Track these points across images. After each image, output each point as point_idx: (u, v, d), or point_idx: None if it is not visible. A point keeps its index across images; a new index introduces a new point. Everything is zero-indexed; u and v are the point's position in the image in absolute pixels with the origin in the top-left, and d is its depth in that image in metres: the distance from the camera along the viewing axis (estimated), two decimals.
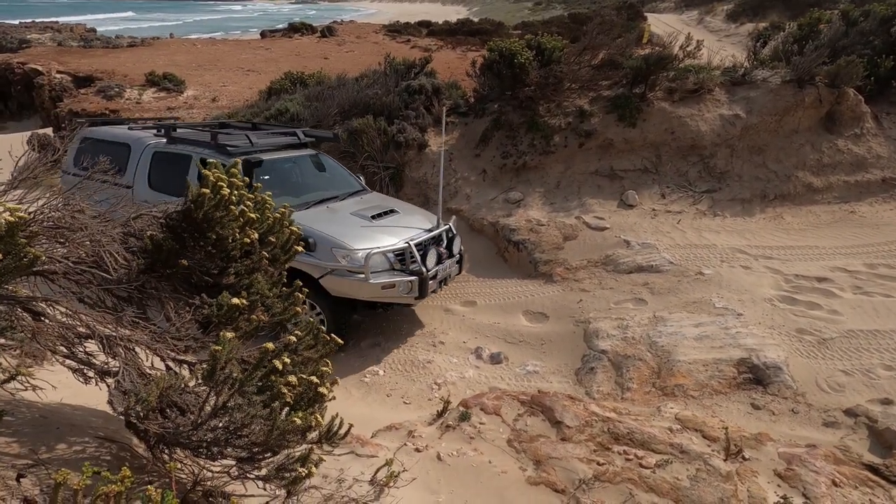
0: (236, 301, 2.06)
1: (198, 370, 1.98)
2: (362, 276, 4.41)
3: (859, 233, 5.96)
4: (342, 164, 6.21)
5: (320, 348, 2.26)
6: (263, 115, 8.96)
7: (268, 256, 2.31)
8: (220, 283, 2.19)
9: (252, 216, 2.20)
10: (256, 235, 2.25)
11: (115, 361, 1.89)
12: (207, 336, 2.12)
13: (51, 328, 1.88)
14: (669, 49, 7.67)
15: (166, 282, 2.18)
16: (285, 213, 2.44)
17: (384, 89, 7.93)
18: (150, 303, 2.15)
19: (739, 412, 3.66)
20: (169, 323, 2.09)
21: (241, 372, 1.92)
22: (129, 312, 1.98)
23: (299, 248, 2.46)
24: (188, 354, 2.14)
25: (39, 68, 17.00)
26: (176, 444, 1.86)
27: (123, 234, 2.08)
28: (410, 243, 4.68)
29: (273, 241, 2.36)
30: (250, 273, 2.21)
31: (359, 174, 6.23)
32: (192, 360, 2.16)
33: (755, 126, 6.83)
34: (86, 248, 1.96)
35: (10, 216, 1.60)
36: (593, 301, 5.14)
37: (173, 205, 2.11)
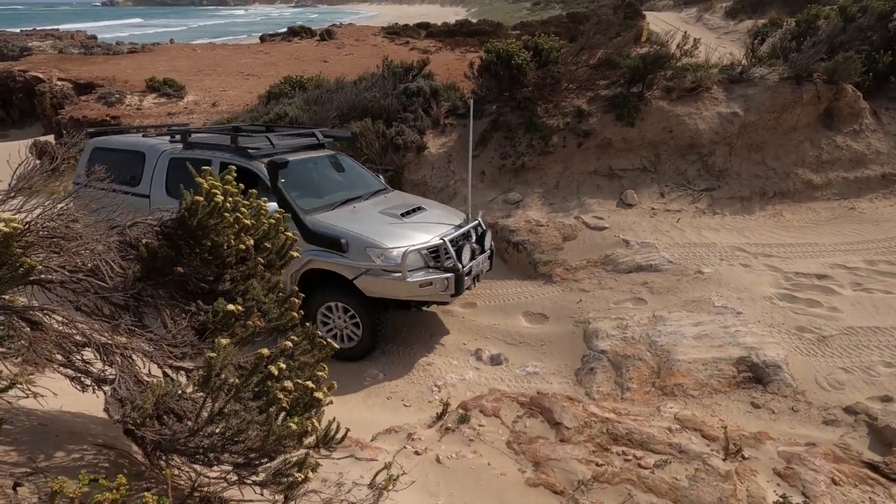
0: (232, 307, 2.07)
1: (194, 377, 1.99)
2: (398, 274, 4.34)
3: (859, 229, 5.94)
4: (360, 164, 6.12)
5: (316, 353, 2.27)
6: (263, 119, 9.00)
7: (263, 262, 2.32)
8: (216, 290, 2.20)
9: (247, 222, 2.22)
10: (252, 241, 2.26)
11: (112, 369, 1.90)
12: (204, 343, 2.14)
13: (48, 337, 1.89)
14: (667, 48, 7.67)
15: (163, 289, 2.20)
16: (280, 219, 2.45)
17: (382, 92, 7.95)
18: (146, 310, 2.17)
19: (739, 411, 3.66)
20: (165, 330, 2.10)
21: (238, 378, 1.93)
22: (125, 320, 1.99)
23: (294, 254, 2.47)
24: (185, 361, 2.16)
25: (40, 76, 17.10)
26: (173, 451, 1.87)
27: (119, 243, 2.09)
28: (445, 240, 4.60)
29: (268, 246, 2.38)
30: (246, 279, 2.22)
31: (378, 174, 6.14)
32: (189, 367, 2.18)
33: (753, 124, 6.82)
34: (82, 257, 1.97)
35: (4, 227, 1.61)
36: (593, 301, 5.14)
37: (168, 212, 2.12)
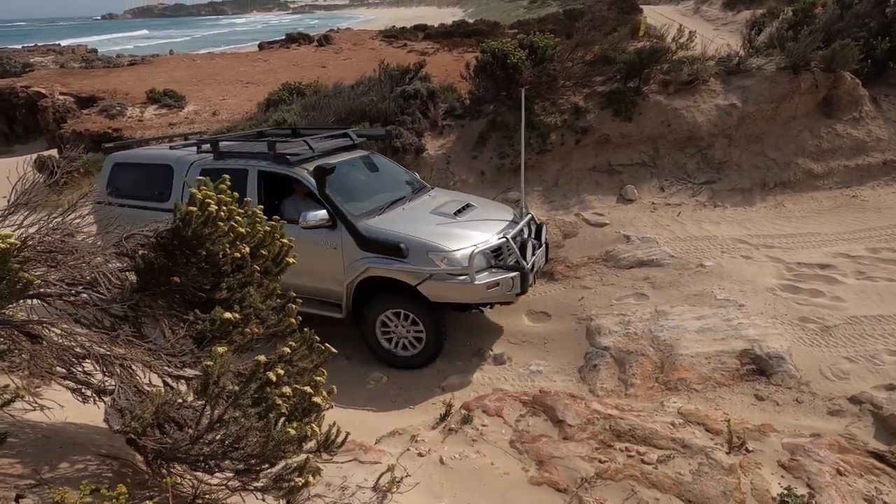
0: (229, 315, 2.09)
1: (193, 385, 2.01)
2: (464, 277, 4.19)
3: (862, 217, 5.90)
4: (393, 161, 5.92)
5: (315, 357, 2.28)
6: (262, 126, 9.04)
7: (259, 270, 2.33)
8: (214, 298, 2.22)
9: (242, 231, 2.23)
10: (247, 249, 2.28)
11: (112, 380, 1.92)
12: (203, 351, 2.16)
13: (48, 350, 1.92)
14: (662, 41, 7.65)
15: (161, 299, 2.22)
16: (276, 226, 2.47)
17: (379, 95, 7.97)
18: (145, 320, 2.19)
19: (743, 404, 3.64)
20: (164, 339, 2.13)
21: (237, 385, 1.95)
22: (124, 331, 2.01)
23: (291, 261, 2.48)
24: (185, 370, 2.18)
25: (43, 91, 17.28)
26: (174, 459, 1.89)
27: (116, 254, 2.12)
28: (508, 238, 4.43)
29: (265, 254, 2.39)
30: (242, 287, 2.24)
31: (413, 170, 5.92)
32: (188, 376, 2.20)
33: (752, 115, 6.79)
34: (80, 270, 2.00)
35: (1, 243, 1.64)
36: (595, 298, 5.13)
37: (163, 223, 2.15)
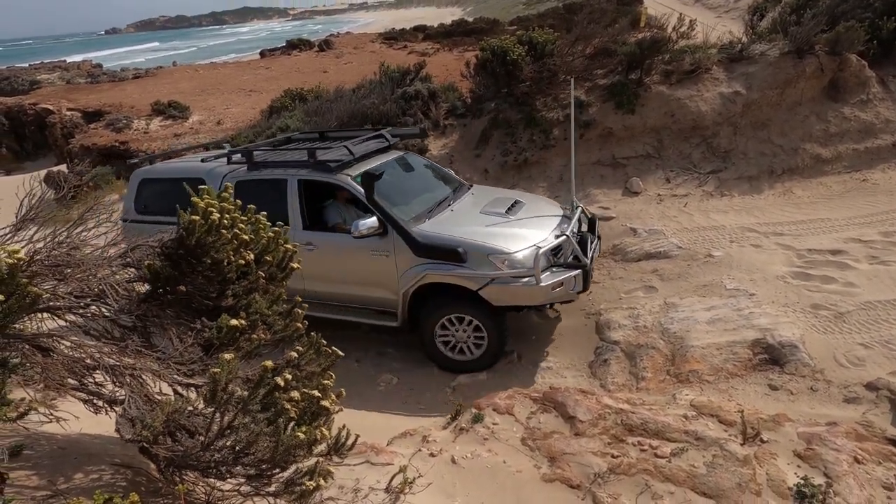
0: (235, 322, 2.10)
1: (202, 392, 2.02)
2: (527, 279, 4.05)
3: (873, 201, 5.81)
4: (428, 159, 5.81)
5: (322, 361, 2.29)
6: (266, 133, 9.10)
7: (265, 276, 2.35)
8: (220, 306, 2.24)
9: (245, 238, 2.25)
10: (251, 256, 2.30)
11: (123, 390, 1.94)
12: (211, 358, 2.17)
13: (59, 362, 1.94)
14: (663, 31, 7.59)
15: (168, 308, 2.24)
16: (280, 232, 2.48)
17: (381, 98, 7.99)
18: (153, 330, 2.21)
19: (757, 394, 3.60)
20: (173, 348, 2.14)
21: (246, 391, 1.97)
22: (133, 341, 2.03)
23: (295, 266, 2.50)
24: (194, 378, 2.20)
25: (50, 107, 17.51)
26: (186, 467, 1.90)
27: (123, 266, 2.14)
28: (569, 235, 4.31)
29: (269, 259, 2.41)
30: (248, 293, 2.26)
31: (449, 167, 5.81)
32: (198, 383, 2.21)
33: (757, 101, 6.71)
34: (87, 283, 2.02)
35: (8, 258, 1.66)
36: (603, 292, 5.10)
37: (168, 233, 2.17)
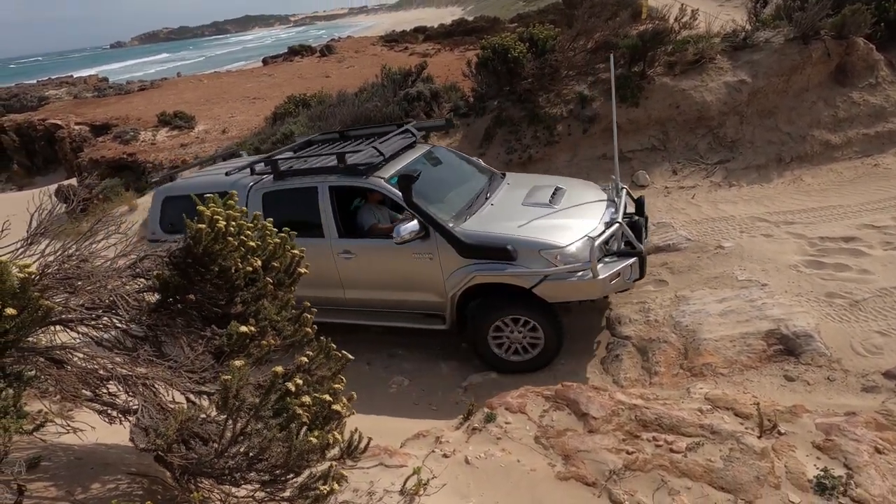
0: (245, 329, 2.11)
1: (215, 400, 2.03)
2: (581, 273, 3.85)
3: (885, 185, 5.72)
4: (454, 150, 5.63)
5: (332, 365, 2.29)
6: (270, 140, 9.16)
7: (272, 282, 2.36)
8: (229, 313, 2.25)
9: (252, 244, 2.26)
10: (259, 262, 2.30)
11: (136, 399, 1.96)
12: (222, 366, 2.18)
13: (73, 374, 1.96)
14: (665, 23, 7.53)
15: (178, 317, 2.25)
16: (286, 238, 2.49)
17: (383, 101, 8.01)
18: (165, 339, 2.23)
19: (772, 385, 3.55)
20: (184, 356, 2.16)
21: (257, 397, 1.97)
22: (144, 351, 2.05)
23: (303, 270, 2.50)
24: (206, 385, 2.21)
25: (59, 122, 17.76)
26: (200, 474, 1.91)
27: (132, 276, 2.16)
28: (622, 222, 4.10)
29: (276, 265, 2.42)
30: (256, 300, 2.27)
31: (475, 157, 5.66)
32: (210, 391, 2.23)
33: (763, 89, 6.63)
34: (98, 295, 2.04)
35: (19, 272, 1.68)
36: None
37: (176, 243, 2.18)
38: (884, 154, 6.27)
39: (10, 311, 1.65)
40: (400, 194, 4.17)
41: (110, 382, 2.01)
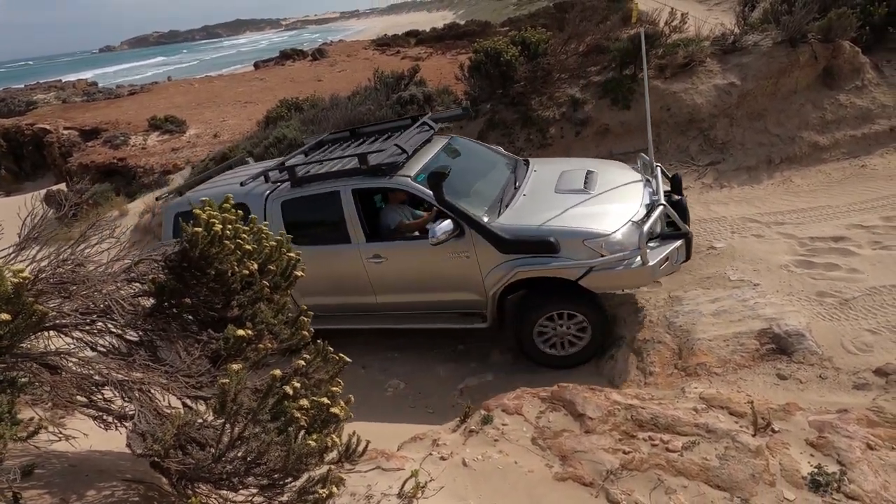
0: (242, 332, 2.10)
1: (212, 404, 2.02)
2: (629, 261, 3.69)
3: (872, 186, 5.80)
4: (471, 139, 5.43)
5: (330, 368, 2.29)
6: (263, 144, 9.12)
7: (269, 285, 2.35)
8: (226, 317, 2.24)
9: (248, 248, 2.25)
10: (255, 266, 2.30)
11: (132, 405, 1.94)
12: (219, 370, 2.17)
13: (68, 380, 1.94)
14: (655, 26, 7.61)
15: (174, 321, 2.24)
16: (282, 241, 2.49)
17: (376, 104, 8.02)
18: (160, 343, 2.21)
19: (766, 384, 3.59)
20: (180, 361, 2.14)
21: (255, 401, 1.96)
22: (140, 356, 2.03)
23: (300, 273, 2.50)
24: (203, 390, 2.19)
25: (47, 127, 17.59)
26: (198, 479, 1.90)
27: (127, 281, 2.14)
28: (665, 203, 3.90)
29: (273, 269, 2.41)
30: (253, 303, 2.26)
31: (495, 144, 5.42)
32: (207, 395, 2.21)
33: (752, 92, 6.72)
34: (93, 299, 2.02)
35: (13, 277, 1.67)
36: None
37: (171, 247, 2.17)
38: (870, 155, 6.36)
39: (4, 316, 1.63)
40: (430, 193, 3.96)
41: (106, 388, 1.99)
